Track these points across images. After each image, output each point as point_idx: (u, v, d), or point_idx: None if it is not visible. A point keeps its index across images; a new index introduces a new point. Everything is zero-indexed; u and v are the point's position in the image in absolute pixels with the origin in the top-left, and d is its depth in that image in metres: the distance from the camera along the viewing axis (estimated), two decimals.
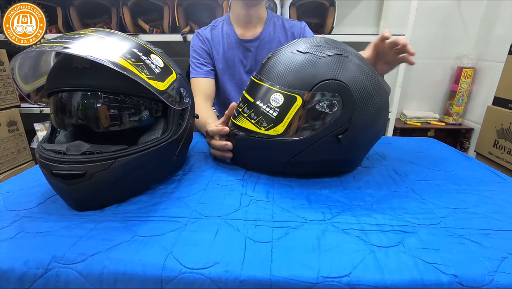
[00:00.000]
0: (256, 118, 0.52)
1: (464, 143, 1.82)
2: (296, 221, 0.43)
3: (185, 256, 0.36)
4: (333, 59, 0.49)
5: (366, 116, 0.49)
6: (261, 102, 0.52)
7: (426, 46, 1.80)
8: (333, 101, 0.47)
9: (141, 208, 0.46)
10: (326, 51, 0.50)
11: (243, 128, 0.55)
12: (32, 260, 0.36)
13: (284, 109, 0.49)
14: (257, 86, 0.54)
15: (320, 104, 0.47)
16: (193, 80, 0.96)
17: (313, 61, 0.49)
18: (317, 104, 0.47)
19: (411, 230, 0.41)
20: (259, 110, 0.52)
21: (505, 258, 0.36)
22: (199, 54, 0.97)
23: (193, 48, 0.98)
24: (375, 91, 0.50)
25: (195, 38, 0.99)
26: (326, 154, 0.49)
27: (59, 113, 0.48)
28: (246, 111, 0.54)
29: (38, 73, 0.52)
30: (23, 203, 0.48)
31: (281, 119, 0.49)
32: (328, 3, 1.50)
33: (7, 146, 1.50)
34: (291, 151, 0.49)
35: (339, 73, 0.48)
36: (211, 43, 0.97)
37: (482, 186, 0.55)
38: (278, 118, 0.50)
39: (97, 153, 0.43)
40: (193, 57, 0.98)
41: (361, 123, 0.49)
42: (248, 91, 0.57)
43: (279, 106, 0.49)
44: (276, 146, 0.50)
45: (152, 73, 0.45)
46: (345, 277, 0.33)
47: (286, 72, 0.50)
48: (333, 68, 0.48)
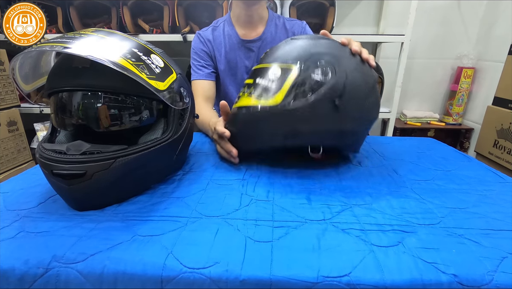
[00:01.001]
0: (256, 92, 0.55)
1: (464, 143, 1.82)
2: (296, 221, 0.43)
3: (185, 255, 0.36)
4: (327, 42, 0.56)
5: (358, 82, 0.52)
6: (260, 79, 0.55)
7: (426, 46, 1.80)
8: (326, 69, 0.50)
9: (141, 208, 0.46)
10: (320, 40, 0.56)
11: (244, 107, 0.56)
12: (32, 260, 0.36)
13: (281, 80, 0.52)
14: (256, 70, 0.58)
15: (315, 72, 0.50)
16: (194, 82, 0.96)
17: (308, 43, 0.55)
18: (312, 73, 0.50)
19: (411, 229, 0.41)
20: (259, 86, 0.55)
21: (505, 258, 0.36)
22: (200, 56, 0.97)
23: (194, 50, 0.98)
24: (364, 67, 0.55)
25: (196, 39, 0.98)
26: (324, 123, 0.51)
27: (59, 113, 0.48)
28: (247, 91, 0.57)
29: (39, 73, 0.52)
30: (23, 202, 0.48)
31: (279, 89, 0.52)
32: (328, 3, 1.50)
33: (7, 146, 1.50)
34: (291, 119, 0.51)
35: (332, 49, 0.54)
36: (213, 44, 0.97)
37: (482, 186, 0.55)
38: (277, 88, 0.52)
39: (97, 153, 0.43)
40: (193, 59, 0.98)
41: (355, 90, 0.52)
42: (248, 78, 0.60)
43: (277, 78, 0.53)
44: (276, 114, 0.51)
45: (152, 73, 0.45)
46: (345, 276, 0.33)
47: (282, 52, 0.56)
48: (326, 46, 0.55)
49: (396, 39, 1.51)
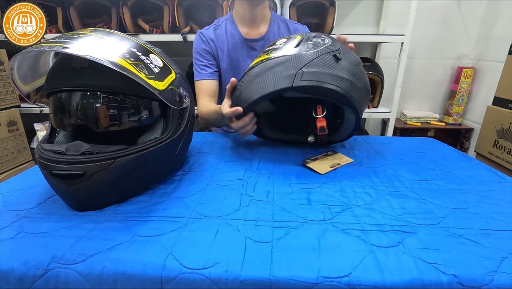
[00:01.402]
0: (269, 49, 0.65)
1: (464, 143, 1.82)
2: (296, 221, 0.43)
3: (185, 256, 0.36)
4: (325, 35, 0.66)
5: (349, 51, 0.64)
6: (271, 47, 0.66)
7: (426, 46, 1.80)
8: (323, 38, 0.63)
9: (141, 208, 0.46)
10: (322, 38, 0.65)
11: (256, 64, 0.63)
12: (32, 260, 0.35)
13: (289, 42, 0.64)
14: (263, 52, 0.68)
15: (315, 37, 0.63)
16: (197, 83, 0.96)
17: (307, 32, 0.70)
18: (313, 37, 0.63)
19: (411, 230, 0.41)
20: (269, 50, 0.65)
21: (505, 258, 0.36)
22: (202, 56, 0.97)
23: (196, 50, 0.98)
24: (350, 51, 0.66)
25: (198, 39, 0.98)
26: (327, 67, 0.58)
27: (58, 114, 0.48)
28: (261, 55, 0.66)
29: (37, 73, 0.51)
30: (23, 203, 0.48)
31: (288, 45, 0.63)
32: (328, 3, 1.50)
33: (7, 146, 1.50)
34: (300, 63, 0.59)
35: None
36: (216, 43, 0.97)
37: (482, 186, 0.55)
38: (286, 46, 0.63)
39: (96, 153, 0.43)
40: (196, 59, 0.98)
41: (348, 52, 0.63)
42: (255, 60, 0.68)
43: (284, 42, 0.65)
44: (289, 60, 0.60)
45: (151, 73, 0.45)
46: (345, 277, 0.33)
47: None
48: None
49: (396, 39, 1.51)
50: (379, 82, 1.60)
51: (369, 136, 0.83)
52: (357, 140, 0.83)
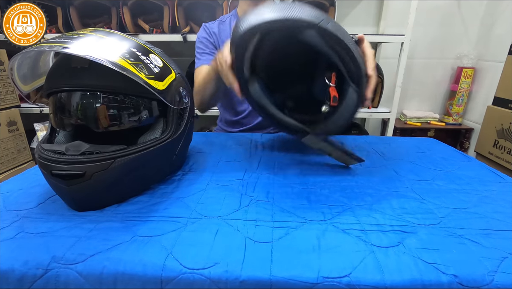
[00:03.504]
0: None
1: (464, 143, 1.82)
2: (296, 221, 0.43)
3: (185, 256, 0.36)
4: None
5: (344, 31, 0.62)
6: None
7: (426, 46, 1.80)
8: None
9: (141, 208, 0.46)
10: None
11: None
12: (31, 261, 0.35)
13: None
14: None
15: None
16: (197, 69, 0.96)
17: None
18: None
19: (411, 230, 0.41)
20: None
21: (505, 258, 0.36)
22: (204, 45, 0.98)
23: (199, 39, 0.99)
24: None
25: (202, 30, 1.00)
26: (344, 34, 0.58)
27: (58, 114, 0.48)
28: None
29: (37, 73, 0.51)
30: (23, 203, 0.48)
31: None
32: (328, 3, 1.50)
33: (7, 146, 1.50)
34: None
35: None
36: (218, 36, 0.98)
37: (482, 186, 0.55)
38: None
39: (96, 153, 0.43)
40: (198, 48, 0.99)
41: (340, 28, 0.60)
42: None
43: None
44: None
45: (151, 73, 0.45)
46: (345, 277, 0.33)
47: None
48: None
49: (396, 39, 1.51)
50: (379, 82, 1.61)
51: (369, 136, 0.83)
52: (357, 140, 0.83)
